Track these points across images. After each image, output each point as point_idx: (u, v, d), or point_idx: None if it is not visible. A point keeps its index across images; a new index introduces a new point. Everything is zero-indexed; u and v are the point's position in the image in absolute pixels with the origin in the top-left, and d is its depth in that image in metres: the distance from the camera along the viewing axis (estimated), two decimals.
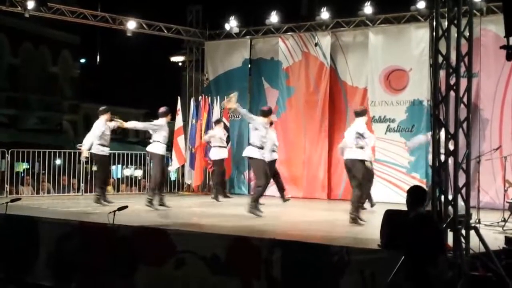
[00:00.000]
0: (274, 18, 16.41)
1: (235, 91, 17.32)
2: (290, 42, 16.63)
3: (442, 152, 7.56)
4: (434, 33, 7.75)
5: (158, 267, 8.98)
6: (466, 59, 7.71)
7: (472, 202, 8.11)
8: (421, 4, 14.25)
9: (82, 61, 35.64)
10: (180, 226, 9.78)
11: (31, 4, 14.63)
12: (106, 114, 13.03)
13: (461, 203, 7.67)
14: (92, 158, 13.19)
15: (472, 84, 7.89)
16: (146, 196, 12.69)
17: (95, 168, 13.86)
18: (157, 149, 12.51)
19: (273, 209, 13.61)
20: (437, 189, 7.56)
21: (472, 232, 7.54)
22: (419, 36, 14.64)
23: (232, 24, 17.04)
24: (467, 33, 7.75)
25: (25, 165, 16.05)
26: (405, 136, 14.80)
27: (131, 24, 16.60)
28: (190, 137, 16.95)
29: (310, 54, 16.28)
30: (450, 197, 7.54)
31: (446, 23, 7.75)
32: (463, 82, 7.70)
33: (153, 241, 9.16)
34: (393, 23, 15.32)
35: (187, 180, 17.00)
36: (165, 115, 12.71)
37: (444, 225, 7.36)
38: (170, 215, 11.96)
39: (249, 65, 17.56)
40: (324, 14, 15.78)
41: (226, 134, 15.78)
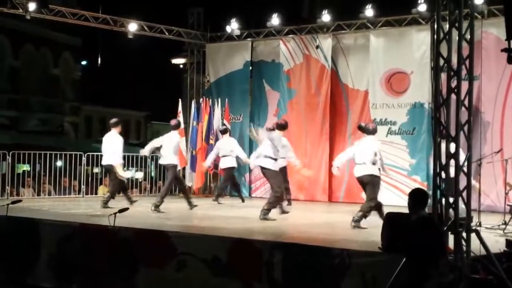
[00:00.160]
0: (275, 20, 16.41)
1: (236, 93, 17.51)
2: (291, 45, 16.64)
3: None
4: (435, 36, 7.77)
5: (159, 269, 8.98)
6: (467, 62, 7.72)
7: (473, 205, 8.11)
8: (422, 7, 14.24)
9: (83, 63, 35.62)
10: (181, 229, 9.80)
11: (32, 6, 14.63)
12: (118, 127, 13.32)
13: (462, 206, 7.67)
14: (108, 168, 13.43)
15: (473, 87, 7.90)
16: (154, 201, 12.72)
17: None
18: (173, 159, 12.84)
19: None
20: (438, 192, 7.57)
21: (473, 235, 7.54)
22: (420, 39, 14.63)
23: (233, 26, 17.03)
24: (468, 36, 7.76)
25: (25, 167, 16.03)
26: (406, 139, 14.81)
27: (132, 26, 16.61)
28: (191, 140, 16.95)
29: (311, 57, 16.28)
30: (451, 200, 7.55)
31: (447, 26, 7.77)
32: (464, 85, 7.71)
33: (154, 243, 9.16)
34: (394, 26, 15.32)
35: (188, 183, 16.96)
36: (176, 127, 13.14)
37: (445, 228, 7.36)
38: (171, 217, 11.96)
39: (250, 68, 17.55)
40: (325, 17, 15.79)
41: (234, 141, 15.59)
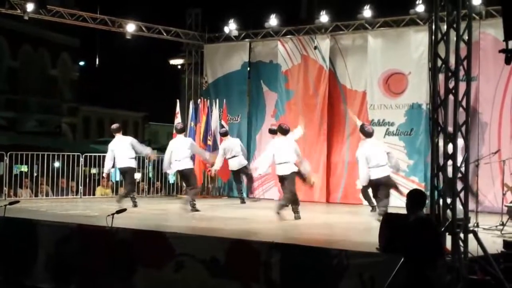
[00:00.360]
0: (273, 21, 16.40)
1: (234, 94, 17.50)
2: (289, 45, 16.63)
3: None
4: (433, 37, 7.77)
5: (157, 270, 8.98)
6: (465, 62, 7.73)
7: (471, 206, 8.12)
8: (420, 8, 14.24)
9: (82, 63, 35.66)
10: (179, 229, 9.78)
11: (30, 7, 14.60)
12: (121, 131, 13.79)
13: (459, 206, 7.67)
14: (126, 171, 13.58)
15: (471, 87, 7.92)
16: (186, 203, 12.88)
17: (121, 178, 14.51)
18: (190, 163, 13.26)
19: (272, 212, 13.60)
20: (436, 193, 7.57)
21: (470, 236, 7.55)
22: (418, 39, 14.64)
23: (231, 27, 17.02)
24: (466, 37, 7.77)
25: (24, 168, 16.01)
26: (404, 140, 14.81)
27: (131, 27, 16.60)
28: None
29: (309, 57, 16.27)
30: (448, 201, 7.55)
31: (445, 27, 7.77)
32: (462, 86, 7.72)
33: (152, 244, 9.16)
34: (392, 27, 15.32)
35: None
36: (183, 131, 13.63)
37: (443, 229, 7.37)
38: (169, 218, 11.96)
39: (248, 68, 17.55)
40: (323, 18, 15.78)
41: (233, 142, 15.46)
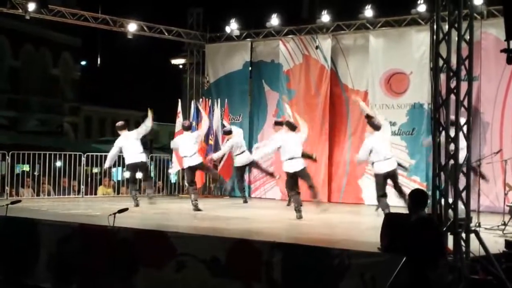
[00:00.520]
0: (274, 20, 16.39)
1: (235, 93, 17.50)
2: (291, 45, 16.63)
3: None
4: (435, 37, 7.77)
5: (158, 269, 8.97)
6: (466, 62, 7.73)
7: (473, 206, 8.11)
8: (421, 8, 14.23)
9: (83, 63, 35.64)
10: (181, 229, 9.78)
11: (32, 6, 14.61)
12: (127, 128, 13.81)
13: (461, 206, 7.67)
14: (141, 166, 13.93)
15: (473, 87, 7.91)
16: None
17: (139, 175, 14.56)
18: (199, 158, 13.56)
19: (274, 211, 13.62)
20: (437, 193, 7.57)
21: (472, 236, 7.55)
22: (419, 39, 14.63)
23: (232, 26, 17.01)
24: (467, 37, 7.77)
25: (25, 167, 16.02)
26: (406, 140, 14.79)
27: (132, 27, 16.60)
28: None
29: (310, 57, 16.27)
30: (450, 201, 7.55)
31: (446, 27, 7.77)
32: (464, 86, 7.72)
33: (153, 244, 9.15)
34: (393, 26, 15.31)
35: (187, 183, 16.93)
36: (189, 128, 13.76)
37: (445, 229, 7.36)
38: (171, 218, 11.96)
39: (250, 68, 17.54)
40: (325, 17, 15.77)
41: (240, 136, 15.44)
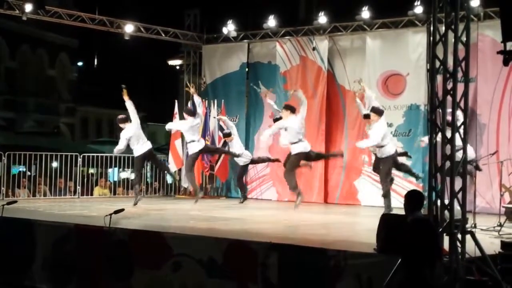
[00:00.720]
0: (271, 22, 16.39)
1: (232, 94, 17.50)
2: (288, 46, 16.64)
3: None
4: (432, 38, 7.78)
5: (155, 270, 8.97)
6: (463, 64, 7.74)
7: (468, 207, 8.12)
8: (418, 9, 14.25)
9: (80, 64, 35.66)
10: (177, 230, 9.78)
11: (29, 7, 14.57)
12: (129, 120, 13.51)
13: (457, 207, 7.68)
14: (150, 153, 13.85)
15: (469, 89, 7.92)
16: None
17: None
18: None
19: (270, 212, 13.62)
20: (434, 194, 7.58)
21: (468, 237, 7.55)
22: (416, 41, 14.65)
23: (229, 28, 17.01)
24: (464, 38, 7.78)
25: (21, 168, 16.01)
26: (402, 141, 14.80)
27: (129, 28, 16.58)
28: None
29: (307, 58, 16.28)
30: (446, 202, 7.56)
31: (443, 28, 7.78)
32: (460, 87, 7.73)
33: (149, 244, 9.15)
34: (390, 28, 15.32)
35: (183, 184, 16.95)
36: (190, 112, 14.11)
37: (440, 230, 7.37)
38: (167, 218, 11.95)
39: (247, 69, 17.55)
40: (322, 19, 15.78)
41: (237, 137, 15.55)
